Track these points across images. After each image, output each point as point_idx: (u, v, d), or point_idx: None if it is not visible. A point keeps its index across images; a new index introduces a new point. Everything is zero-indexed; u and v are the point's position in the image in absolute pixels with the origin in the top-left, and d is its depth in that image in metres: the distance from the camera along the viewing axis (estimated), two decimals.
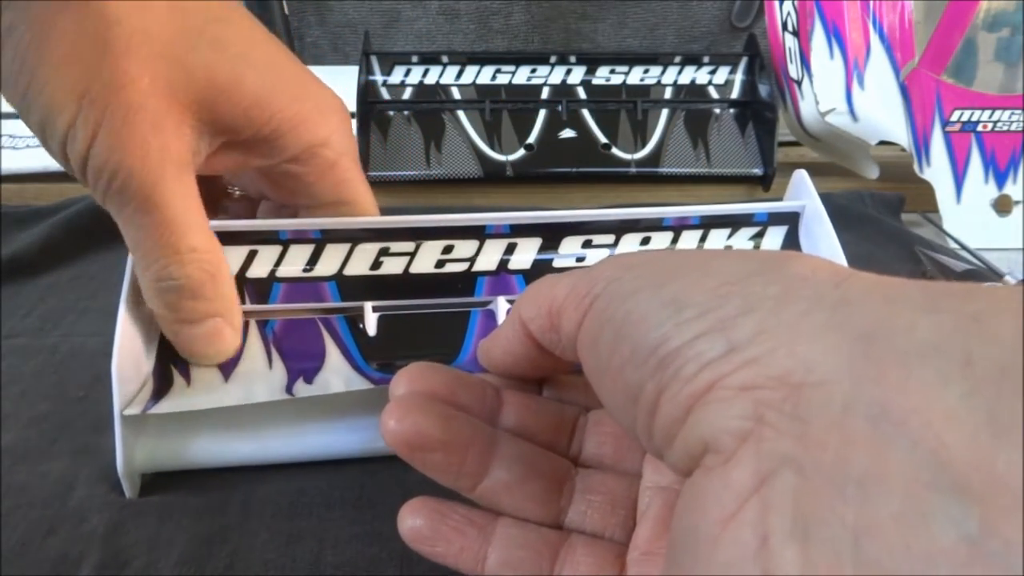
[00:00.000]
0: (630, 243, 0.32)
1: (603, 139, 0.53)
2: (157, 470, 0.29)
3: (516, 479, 0.22)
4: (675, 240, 0.32)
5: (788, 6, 0.56)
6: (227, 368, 0.29)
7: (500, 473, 0.22)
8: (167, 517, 0.27)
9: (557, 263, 0.32)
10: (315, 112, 0.28)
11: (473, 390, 0.23)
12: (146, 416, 0.28)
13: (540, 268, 0.31)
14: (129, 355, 0.28)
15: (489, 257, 0.31)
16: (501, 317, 0.30)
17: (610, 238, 0.32)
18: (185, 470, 0.29)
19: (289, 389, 0.29)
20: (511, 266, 0.32)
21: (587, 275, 0.20)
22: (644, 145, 0.53)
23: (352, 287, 0.31)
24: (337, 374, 0.30)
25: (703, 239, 0.32)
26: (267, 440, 0.29)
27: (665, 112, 0.55)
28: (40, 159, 0.50)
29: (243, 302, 0.30)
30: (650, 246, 0.32)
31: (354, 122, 0.51)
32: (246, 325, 0.30)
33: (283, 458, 0.29)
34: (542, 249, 0.32)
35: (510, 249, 0.31)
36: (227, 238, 0.30)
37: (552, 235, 0.32)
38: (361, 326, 0.30)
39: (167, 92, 0.25)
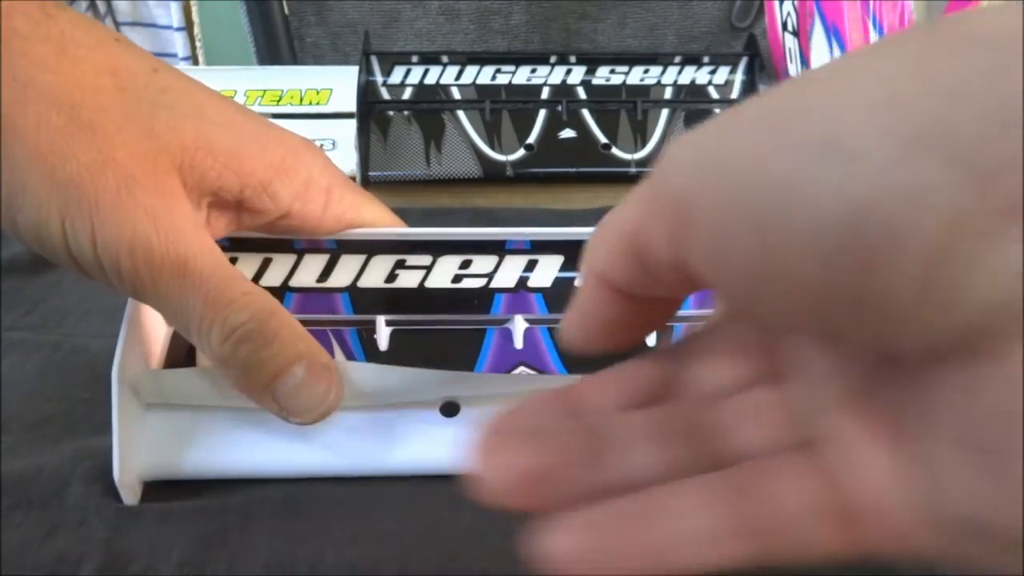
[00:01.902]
0: None
1: (603, 139, 0.53)
2: (157, 479, 0.29)
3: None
4: None
5: (788, 6, 0.56)
6: None
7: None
8: (167, 519, 0.27)
9: (579, 283, 0.31)
10: (289, 156, 0.27)
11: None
12: (146, 425, 0.28)
13: (561, 287, 0.31)
14: (132, 366, 0.27)
15: (508, 274, 0.31)
16: (518, 337, 0.30)
17: None
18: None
19: None
20: (531, 284, 0.31)
21: (657, 178, 0.16)
22: (644, 145, 0.53)
23: (366, 300, 0.30)
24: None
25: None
26: (268, 455, 0.29)
27: (665, 112, 0.55)
28: None
29: None
30: None
31: (354, 122, 0.51)
32: None
33: (284, 473, 0.29)
34: (564, 267, 0.31)
35: (530, 266, 0.31)
36: (241, 245, 0.30)
37: (575, 253, 0.31)
38: (374, 339, 0.30)
39: (147, 161, 0.23)
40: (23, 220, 0.22)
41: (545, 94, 0.56)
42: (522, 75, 0.56)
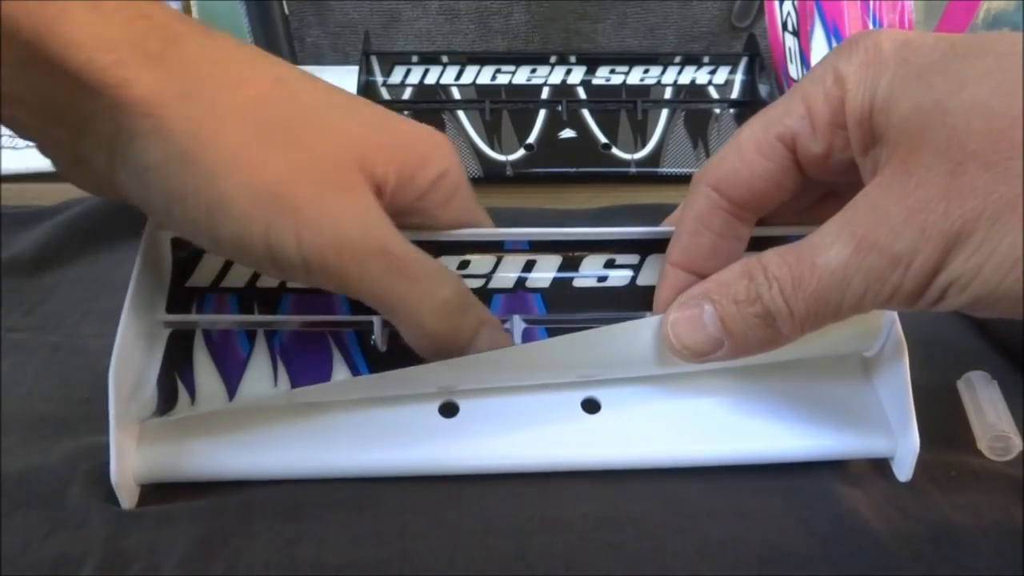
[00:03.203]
0: (655, 264, 0.31)
1: (603, 139, 0.53)
2: (155, 482, 0.29)
3: None
4: None
5: (788, 6, 0.56)
6: (232, 384, 0.29)
7: None
8: (167, 519, 0.27)
9: (577, 283, 0.31)
10: (433, 147, 0.28)
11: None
12: (143, 429, 0.28)
13: (559, 287, 0.31)
14: (129, 368, 0.27)
15: (506, 274, 0.31)
16: (516, 337, 0.30)
17: (634, 258, 0.31)
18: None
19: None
20: (528, 284, 0.31)
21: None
22: (644, 145, 0.53)
23: None
24: (341, 400, 0.29)
25: None
26: (268, 457, 0.29)
27: (665, 112, 0.55)
28: (40, 159, 0.50)
29: (252, 312, 0.30)
30: None
31: None
32: (254, 335, 0.30)
33: (284, 475, 0.29)
34: (562, 267, 0.31)
35: (528, 266, 0.31)
36: None
37: (573, 253, 0.31)
38: (372, 341, 0.30)
39: (332, 161, 0.25)
40: (225, 232, 0.24)
41: (545, 94, 0.56)
42: (522, 75, 0.56)
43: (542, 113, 0.54)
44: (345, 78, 0.54)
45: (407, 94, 0.55)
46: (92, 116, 0.23)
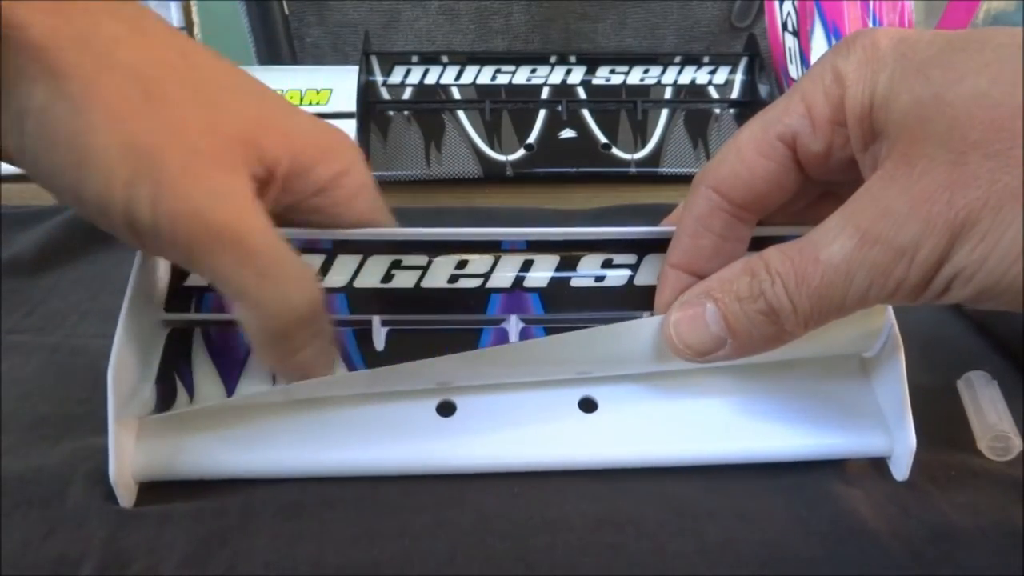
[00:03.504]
0: (653, 263, 0.31)
1: (603, 139, 0.53)
2: (154, 480, 0.29)
3: None
4: None
5: (788, 6, 0.56)
6: (231, 382, 0.29)
7: None
8: (167, 519, 0.27)
9: (575, 282, 0.31)
10: (335, 142, 0.28)
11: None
12: (141, 427, 0.28)
13: (557, 286, 0.31)
14: (128, 367, 0.27)
15: (504, 273, 0.31)
16: (514, 336, 0.30)
17: (632, 257, 0.31)
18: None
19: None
20: (526, 284, 0.31)
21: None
22: (644, 145, 0.53)
23: (362, 300, 0.30)
24: (339, 399, 0.29)
25: None
26: (267, 455, 0.29)
27: (665, 112, 0.55)
28: None
29: None
30: None
31: (354, 122, 0.51)
32: None
33: (283, 474, 0.29)
34: (560, 267, 0.31)
35: (526, 266, 0.31)
36: None
37: (571, 253, 0.31)
38: (370, 339, 0.30)
39: (213, 135, 0.24)
40: (89, 187, 0.23)
41: (545, 94, 0.56)
42: (522, 75, 0.56)
43: (542, 113, 0.54)
44: (345, 78, 0.55)
45: (407, 94, 0.55)
46: None
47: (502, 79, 0.56)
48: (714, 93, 0.57)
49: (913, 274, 0.21)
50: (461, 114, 0.53)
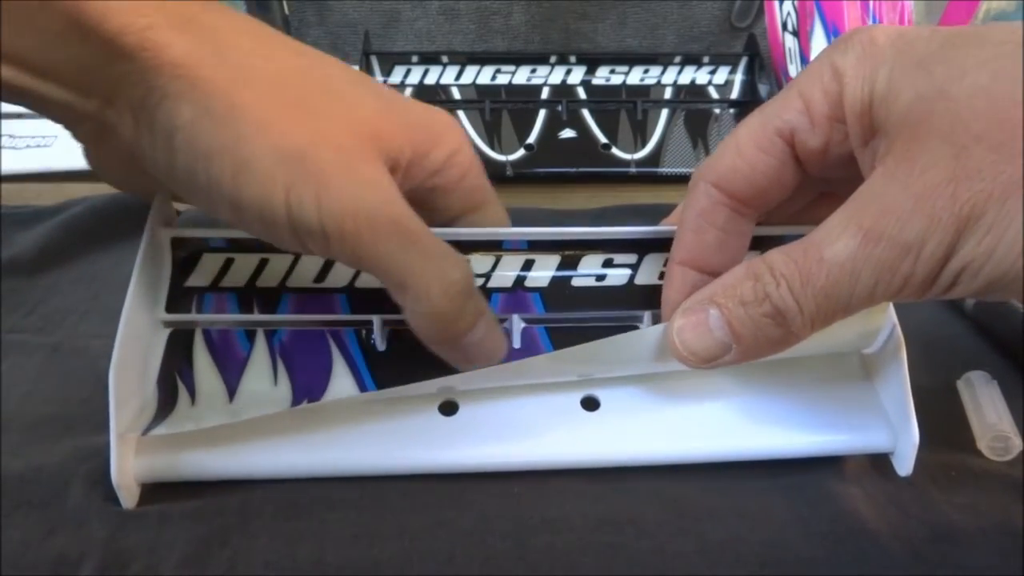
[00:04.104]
0: (654, 263, 0.31)
1: (603, 139, 0.53)
2: (155, 481, 0.29)
3: None
4: None
5: (788, 6, 0.56)
6: (232, 383, 0.29)
7: None
8: (167, 519, 0.27)
9: (576, 282, 0.31)
10: (444, 125, 0.29)
11: None
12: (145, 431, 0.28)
13: (558, 286, 0.31)
14: (129, 368, 0.27)
15: (505, 273, 0.31)
16: (516, 336, 0.30)
17: (632, 257, 0.31)
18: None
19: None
20: (527, 283, 0.31)
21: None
22: (644, 145, 0.53)
23: (363, 300, 0.30)
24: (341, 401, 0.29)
25: None
26: (268, 456, 0.29)
27: (665, 112, 0.55)
28: (40, 159, 0.50)
29: (251, 311, 0.30)
30: None
31: None
32: (254, 334, 0.30)
33: (284, 474, 0.29)
34: (561, 267, 0.31)
35: (527, 265, 0.31)
36: (238, 246, 0.30)
37: (571, 252, 0.31)
38: (371, 340, 0.30)
39: (352, 133, 0.25)
40: (248, 194, 0.24)
41: (545, 94, 0.56)
42: (522, 75, 0.56)
43: (542, 113, 0.54)
44: None
45: (407, 94, 0.55)
46: (122, 81, 0.23)
47: (502, 79, 0.56)
48: (714, 93, 0.57)
49: (920, 270, 0.21)
50: (461, 114, 0.53)
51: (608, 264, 0.31)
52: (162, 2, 0.23)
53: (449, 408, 0.30)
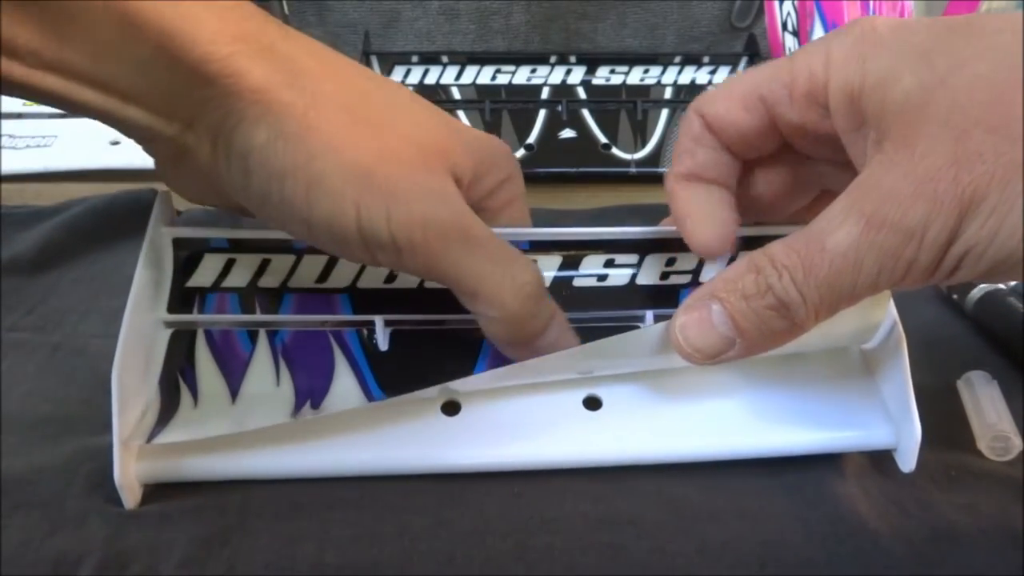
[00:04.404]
0: (655, 263, 0.31)
1: (603, 139, 0.53)
2: (157, 481, 0.29)
3: None
4: (700, 262, 0.31)
5: (788, 6, 0.56)
6: (234, 383, 0.29)
7: None
8: (167, 519, 0.27)
9: (577, 282, 0.31)
10: (501, 152, 0.30)
11: None
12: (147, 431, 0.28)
13: (559, 286, 0.31)
14: (131, 368, 0.27)
15: None
16: None
17: (633, 257, 0.31)
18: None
19: (294, 415, 0.28)
20: None
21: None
22: (644, 145, 0.53)
23: (365, 300, 0.30)
24: (344, 402, 0.29)
25: (731, 260, 0.31)
26: (268, 456, 0.29)
27: (665, 112, 0.55)
28: (40, 159, 0.50)
29: (253, 312, 0.30)
30: (676, 267, 0.31)
31: None
32: (256, 335, 0.30)
33: (285, 474, 0.29)
34: (562, 267, 0.31)
35: None
36: (239, 246, 0.30)
37: (573, 252, 0.31)
38: (373, 340, 0.30)
39: (419, 147, 0.26)
40: (320, 211, 0.25)
41: (545, 94, 0.56)
42: (522, 75, 0.56)
43: (542, 113, 0.54)
44: None
45: None
46: (203, 106, 0.24)
47: (502, 79, 0.56)
48: None
49: (924, 255, 0.21)
50: (461, 114, 0.53)
51: (609, 264, 0.31)
52: (243, 30, 0.24)
53: (451, 408, 0.30)
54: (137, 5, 0.22)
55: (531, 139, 0.52)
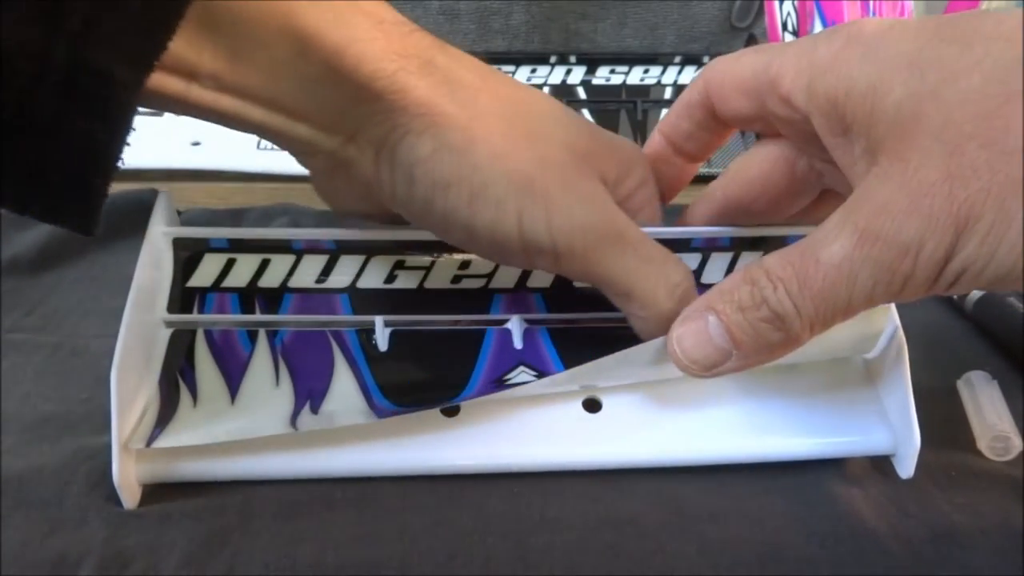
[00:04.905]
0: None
1: None
2: (157, 482, 0.29)
3: None
4: (703, 262, 0.31)
5: (788, 6, 0.56)
6: (234, 384, 0.29)
7: None
8: (167, 519, 0.27)
9: (578, 282, 0.31)
10: (637, 157, 0.30)
11: None
12: (147, 430, 0.28)
13: (560, 286, 0.31)
14: (131, 368, 0.27)
15: (507, 273, 0.31)
16: (517, 336, 0.30)
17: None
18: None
19: (294, 420, 0.28)
20: (530, 283, 0.31)
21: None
22: (644, 145, 0.53)
23: (365, 301, 0.30)
24: (344, 403, 0.29)
25: (733, 261, 0.31)
26: (268, 456, 0.29)
27: (665, 112, 0.54)
28: None
29: (253, 312, 0.30)
30: None
31: None
32: (255, 335, 0.30)
33: (286, 475, 0.29)
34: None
35: None
36: (240, 246, 0.30)
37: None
38: (373, 341, 0.30)
39: (571, 154, 0.27)
40: (482, 218, 0.26)
41: None
42: (522, 75, 0.56)
43: None
44: None
45: None
46: (367, 120, 0.25)
47: None
48: None
49: (920, 271, 0.21)
50: None
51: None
52: (406, 47, 0.25)
53: (451, 409, 0.30)
54: (311, 25, 0.23)
55: None
